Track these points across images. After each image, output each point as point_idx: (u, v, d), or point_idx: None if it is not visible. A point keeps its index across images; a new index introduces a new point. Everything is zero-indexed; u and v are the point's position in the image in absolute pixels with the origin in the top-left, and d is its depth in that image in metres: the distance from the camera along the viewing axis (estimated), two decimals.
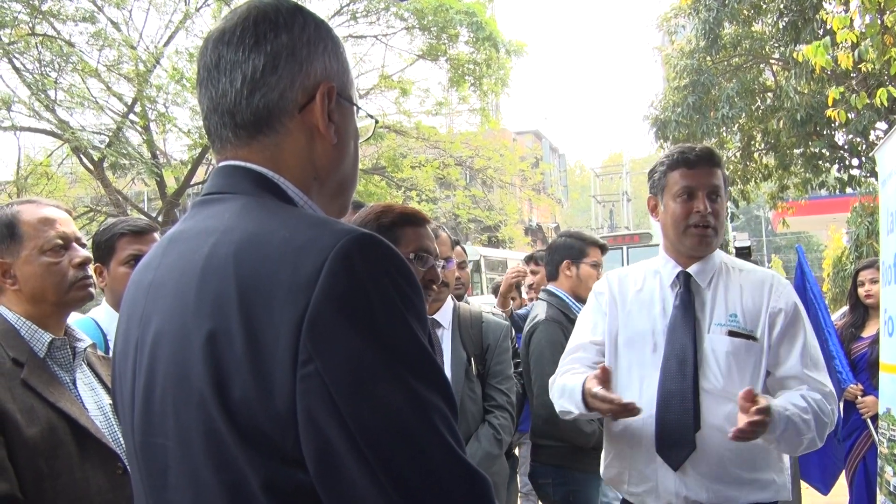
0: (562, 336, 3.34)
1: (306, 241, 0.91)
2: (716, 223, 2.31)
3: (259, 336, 0.88)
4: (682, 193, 2.32)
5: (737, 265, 2.43)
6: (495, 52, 15.56)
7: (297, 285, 0.87)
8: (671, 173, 2.36)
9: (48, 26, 12.72)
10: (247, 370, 0.88)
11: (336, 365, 0.85)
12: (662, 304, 2.38)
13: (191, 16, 13.89)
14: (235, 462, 0.89)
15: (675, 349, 2.26)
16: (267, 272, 0.90)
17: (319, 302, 0.86)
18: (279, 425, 0.87)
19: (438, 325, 2.94)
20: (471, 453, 2.76)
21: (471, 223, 20.65)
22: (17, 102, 12.59)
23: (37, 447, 1.60)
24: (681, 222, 2.32)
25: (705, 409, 2.20)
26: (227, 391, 0.89)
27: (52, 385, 1.72)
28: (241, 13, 1.07)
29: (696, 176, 2.31)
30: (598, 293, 2.55)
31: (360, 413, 0.85)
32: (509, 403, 2.97)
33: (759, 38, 12.59)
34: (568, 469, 3.34)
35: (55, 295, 1.81)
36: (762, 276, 2.39)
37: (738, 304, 2.30)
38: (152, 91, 13.30)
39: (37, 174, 14.47)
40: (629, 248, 15.36)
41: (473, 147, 18.20)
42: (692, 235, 2.31)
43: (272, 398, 0.87)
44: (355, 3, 15.30)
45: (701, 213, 2.28)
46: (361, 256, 0.89)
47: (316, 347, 0.85)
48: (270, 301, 0.88)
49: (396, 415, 0.86)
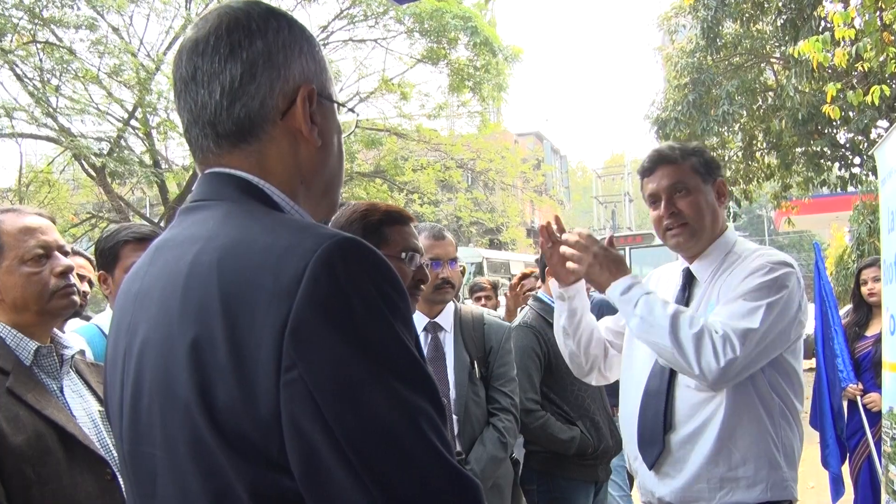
0: (534, 341, 3.34)
1: (288, 246, 0.90)
2: (687, 218, 2.26)
3: (242, 342, 0.87)
4: (650, 202, 2.35)
5: (747, 253, 2.28)
6: (493, 58, 15.54)
7: (279, 291, 0.87)
8: (642, 182, 2.39)
9: (49, 33, 12.75)
10: (231, 377, 0.88)
11: (319, 371, 0.85)
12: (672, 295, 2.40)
13: (191, 22, 13.90)
14: (221, 469, 0.89)
15: None
16: (249, 278, 0.90)
17: (302, 307, 0.85)
18: (264, 432, 0.87)
19: (440, 328, 2.93)
20: (476, 457, 2.75)
21: (473, 226, 20.67)
22: (19, 110, 12.62)
23: (23, 454, 1.60)
24: (657, 228, 2.35)
25: (680, 408, 2.19)
26: (212, 398, 0.89)
27: (38, 393, 1.71)
28: (212, 21, 1.05)
29: (654, 180, 2.32)
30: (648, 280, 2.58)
31: (345, 419, 0.84)
32: (513, 406, 2.95)
33: (759, 38, 12.59)
34: (554, 476, 3.32)
35: (37, 304, 1.80)
36: (760, 256, 2.24)
37: (725, 292, 2.22)
38: (153, 98, 13.32)
39: (38, 182, 14.50)
40: (632, 248, 15.37)
41: (475, 149, 18.21)
42: (669, 238, 2.31)
43: (256, 404, 0.86)
44: (354, 7, 15.31)
45: (664, 216, 2.28)
46: (343, 261, 0.89)
47: (299, 353, 0.85)
48: (253, 307, 0.88)
49: (381, 420, 0.85)
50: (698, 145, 2.48)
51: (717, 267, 2.28)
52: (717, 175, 2.35)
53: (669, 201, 2.27)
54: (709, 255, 2.31)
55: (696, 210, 2.26)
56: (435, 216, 18.02)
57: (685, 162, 2.30)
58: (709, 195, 2.30)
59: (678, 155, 2.31)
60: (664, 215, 2.28)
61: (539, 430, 3.23)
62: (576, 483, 3.30)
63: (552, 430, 3.26)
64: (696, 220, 2.27)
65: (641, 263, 15.15)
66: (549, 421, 3.27)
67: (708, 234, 2.29)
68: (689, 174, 2.28)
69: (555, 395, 3.35)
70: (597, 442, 3.35)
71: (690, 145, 2.42)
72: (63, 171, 15.22)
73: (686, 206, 2.26)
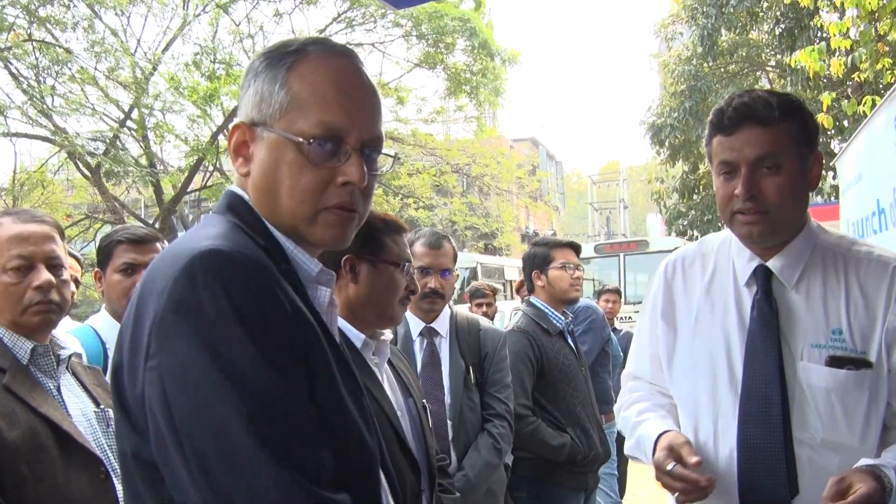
0: (527, 346, 3.34)
1: (182, 251, 1.05)
2: (770, 205, 1.64)
3: (139, 332, 1.04)
4: (721, 170, 1.71)
5: (847, 248, 1.73)
6: (491, 62, 15.59)
7: (159, 290, 1.02)
8: (712, 140, 1.73)
9: (46, 32, 12.72)
10: (128, 360, 1.06)
11: (169, 363, 0.99)
12: (738, 310, 1.76)
13: (189, 23, 13.91)
14: (121, 435, 1.10)
15: (756, 383, 1.67)
16: (155, 278, 1.06)
17: (164, 305, 1.00)
18: (138, 407, 1.03)
19: (436, 334, 2.93)
20: (470, 463, 2.74)
21: (468, 230, 20.69)
22: (13, 108, 12.59)
23: (18, 451, 1.61)
24: (724, 208, 1.73)
25: (803, 467, 1.62)
26: (120, 377, 1.08)
27: (34, 391, 1.72)
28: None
29: (734, 144, 1.66)
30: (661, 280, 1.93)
31: (183, 410, 0.97)
32: (507, 412, 2.95)
33: (755, 46, 12.67)
34: (543, 483, 3.31)
35: (11, 315, 1.79)
36: (882, 263, 1.67)
37: (842, 313, 1.65)
38: (149, 99, 13.31)
39: (32, 182, 14.45)
40: (626, 255, 15.38)
41: (470, 154, 18.25)
42: (738, 224, 1.70)
43: (135, 384, 1.04)
44: (352, 11, 15.33)
45: (740, 195, 1.66)
46: (202, 267, 1.01)
47: (158, 345, 1.00)
48: (148, 303, 1.04)
49: (215, 419, 0.96)
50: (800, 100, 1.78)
51: (806, 265, 1.71)
52: (816, 145, 1.72)
53: (751, 178, 1.64)
54: (793, 251, 1.72)
55: (785, 196, 1.65)
56: (430, 220, 18.04)
57: (784, 124, 1.65)
58: (804, 175, 1.69)
59: (777, 115, 1.64)
60: (741, 195, 1.65)
61: (530, 436, 3.22)
62: (566, 490, 3.30)
63: (543, 436, 3.25)
64: (781, 210, 1.66)
65: (635, 270, 15.16)
66: (539, 427, 3.27)
67: (791, 224, 1.72)
68: (786, 144, 1.64)
69: (546, 402, 3.35)
70: (587, 449, 3.34)
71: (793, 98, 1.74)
72: (58, 171, 15.17)
73: (773, 190, 1.64)
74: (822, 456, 1.61)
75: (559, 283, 3.50)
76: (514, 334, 3.38)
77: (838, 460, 1.58)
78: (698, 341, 1.78)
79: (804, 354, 1.64)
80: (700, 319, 1.80)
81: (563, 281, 3.49)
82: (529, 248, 3.82)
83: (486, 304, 6.02)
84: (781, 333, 1.67)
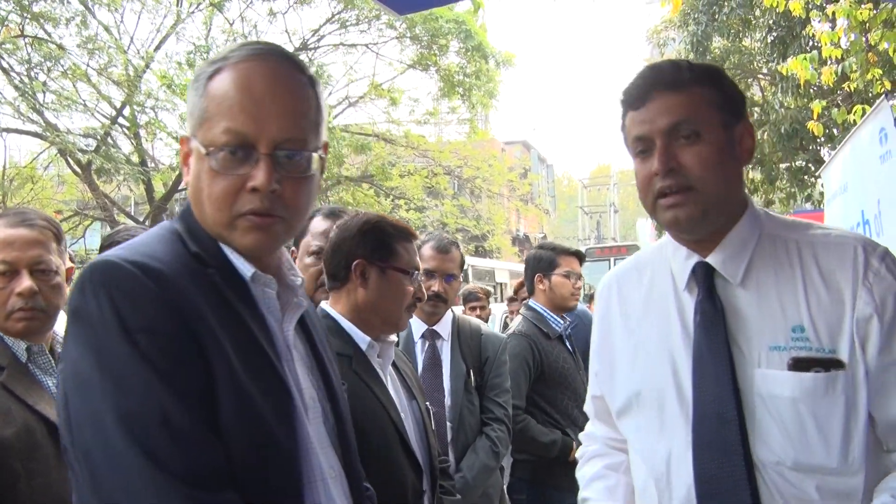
0: (528, 350, 3.38)
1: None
2: (692, 179, 1.39)
3: None
4: (636, 149, 1.47)
5: (800, 233, 1.47)
6: (485, 64, 15.62)
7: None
8: (625, 120, 1.50)
9: (38, 28, 12.64)
10: None
11: (65, 366, 1.08)
12: (681, 319, 1.48)
13: (182, 21, 13.86)
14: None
15: (707, 401, 1.40)
16: None
17: (68, 314, 1.10)
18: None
19: (438, 336, 2.96)
20: (468, 465, 2.77)
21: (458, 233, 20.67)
22: (4, 104, 12.51)
23: (12, 448, 1.61)
24: (645, 194, 1.46)
25: (771, 496, 1.35)
26: None
27: (32, 388, 1.73)
28: None
29: (646, 116, 1.43)
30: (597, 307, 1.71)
31: (72, 408, 1.05)
32: (506, 416, 2.97)
33: (747, 53, 12.76)
34: (543, 485, 3.33)
35: None
36: (842, 244, 1.41)
37: (802, 307, 1.38)
38: (141, 97, 13.24)
39: (22, 177, 14.35)
40: (616, 259, 15.44)
41: (462, 157, 18.25)
42: (661, 210, 1.44)
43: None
44: (346, 12, 15.33)
45: (657, 172, 1.40)
46: (91, 277, 1.08)
47: (63, 350, 1.11)
48: None
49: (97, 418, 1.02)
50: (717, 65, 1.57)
51: (753, 256, 1.45)
52: (743, 115, 1.48)
53: (667, 150, 1.40)
54: (734, 241, 1.45)
55: (711, 168, 1.39)
56: (421, 222, 18.03)
57: (698, 88, 1.42)
58: (732, 146, 1.44)
59: (688, 77, 1.42)
60: (657, 171, 1.40)
61: (519, 434, 3.24)
62: (565, 493, 3.31)
63: (533, 433, 3.28)
64: (708, 185, 1.39)
65: None
66: (529, 423, 3.29)
67: (725, 205, 1.44)
68: (703, 109, 1.41)
69: (545, 404, 3.38)
70: None
71: (709, 65, 1.54)
72: (48, 167, 15.07)
73: (694, 161, 1.39)
74: (795, 482, 1.33)
75: (561, 290, 3.54)
76: (515, 338, 3.42)
77: (815, 485, 1.32)
78: (640, 367, 1.52)
79: (761, 360, 1.37)
80: (640, 342, 1.53)
81: (564, 288, 3.53)
82: (535, 249, 3.83)
83: (479, 308, 6.08)
84: (731, 338, 1.39)
